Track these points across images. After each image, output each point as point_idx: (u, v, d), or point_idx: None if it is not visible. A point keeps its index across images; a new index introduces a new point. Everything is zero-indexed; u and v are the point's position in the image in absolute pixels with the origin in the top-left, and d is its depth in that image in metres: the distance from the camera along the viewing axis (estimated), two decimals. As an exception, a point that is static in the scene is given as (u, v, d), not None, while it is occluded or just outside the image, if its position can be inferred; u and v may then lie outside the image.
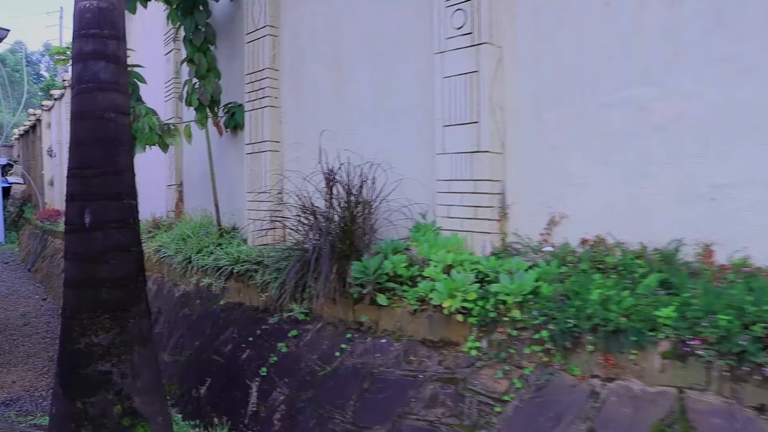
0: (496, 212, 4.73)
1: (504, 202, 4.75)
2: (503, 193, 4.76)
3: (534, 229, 4.61)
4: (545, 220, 4.55)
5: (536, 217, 4.60)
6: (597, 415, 3.38)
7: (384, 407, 4.20)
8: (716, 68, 3.76)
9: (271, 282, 5.70)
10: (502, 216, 4.75)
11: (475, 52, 4.71)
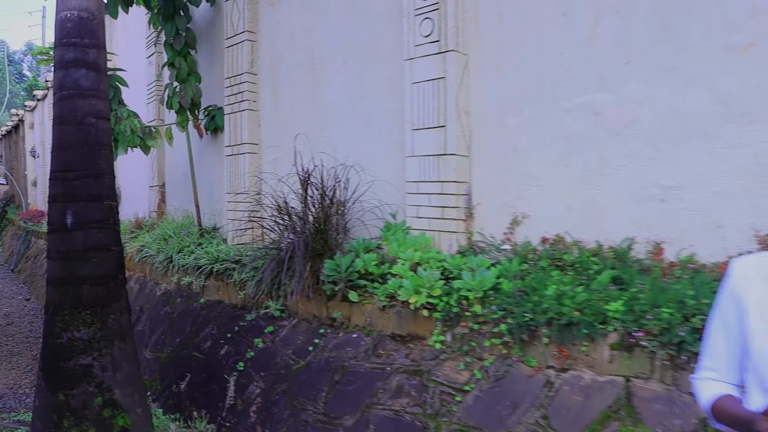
0: (462, 212, 4.95)
1: (470, 203, 4.97)
2: (469, 194, 4.98)
3: (498, 229, 4.83)
4: (508, 219, 4.77)
5: (500, 217, 4.82)
6: (550, 403, 3.61)
7: (354, 398, 4.41)
8: (664, 76, 3.99)
9: (249, 280, 5.90)
10: (468, 216, 4.97)
11: (442, 59, 4.93)
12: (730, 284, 1.77)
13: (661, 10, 3.99)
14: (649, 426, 3.22)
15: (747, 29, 3.65)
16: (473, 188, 4.99)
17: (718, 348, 1.81)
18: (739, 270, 1.75)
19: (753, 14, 3.63)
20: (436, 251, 4.80)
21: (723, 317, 1.79)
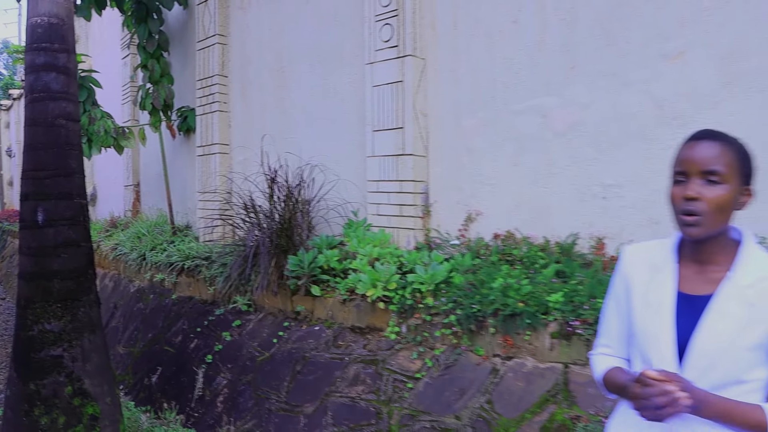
0: (419, 210, 5.18)
1: (427, 201, 5.21)
2: (426, 193, 5.22)
3: (453, 225, 5.07)
4: (463, 217, 5.01)
5: (456, 215, 5.06)
6: (495, 389, 3.84)
7: (314, 387, 4.62)
8: (606, 81, 4.25)
9: (218, 276, 6.10)
10: (425, 213, 5.20)
11: (401, 63, 5.16)
12: (621, 269, 2.00)
13: (603, 19, 4.25)
14: (583, 408, 3.46)
15: (678, 38, 3.92)
16: (430, 187, 5.23)
17: (611, 326, 2.04)
18: (628, 256, 1.98)
19: (683, 25, 3.90)
20: (395, 247, 5.03)
21: (615, 299, 2.02)
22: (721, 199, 1.64)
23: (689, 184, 1.67)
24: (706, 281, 1.75)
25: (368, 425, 4.10)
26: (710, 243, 1.73)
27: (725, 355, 1.65)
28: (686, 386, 1.61)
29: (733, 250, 1.74)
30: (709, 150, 1.67)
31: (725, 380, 1.66)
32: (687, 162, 1.69)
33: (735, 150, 1.69)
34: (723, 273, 1.72)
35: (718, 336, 1.65)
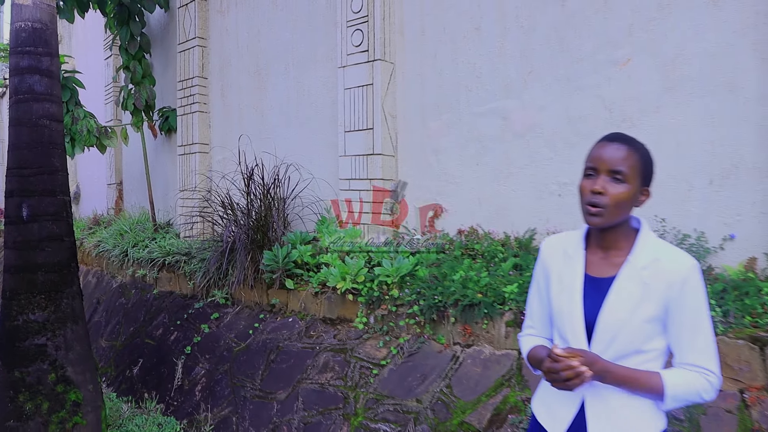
0: (389, 207, 5.44)
1: (397, 198, 5.46)
2: (395, 190, 5.47)
3: (421, 222, 5.33)
4: (430, 213, 5.27)
5: (423, 211, 5.32)
6: (454, 375, 4.10)
7: (286, 375, 4.87)
8: (561, 85, 4.53)
9: (197, 271, 6.33)
10: (393, 210, 5.45)
11: (371, 67, 5.42)
12: (540, 259, 2.26)
13: (558, 27, 4.52)
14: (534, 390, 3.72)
15: (626, 46, 4.20)
16: (399, 185, 5.48)
17: (534, 310, 2.30)
18: (547, 246, 2.24)
19: (631, 33, 4.17)
20: (365, 243, 5.28)
21: (536, 285, 2.28)
22: (623, 195, 1.90)
23: (597, 179, 1.93)
24: (609, 265, 2.01)
25: (336, 409, 4.35)
26: (612, 231, 1.99)
27: (625, 329, 1.91)
28: (589, 359, 1.87)
29: (632, 237, 2.01)
30: (618, 152, 1.92)
31: (627, 350, 1.93)
32: (597, 160, 1.94)
33: (640, 155, 1.95)
34: (623, 257, 1.98)
35: (619, 312, 1.92)
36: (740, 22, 3.73)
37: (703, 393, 1.88)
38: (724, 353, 3.25)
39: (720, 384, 1.92)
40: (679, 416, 3.24)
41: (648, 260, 1.93)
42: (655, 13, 4.07)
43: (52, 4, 4.63)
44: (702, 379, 1.88)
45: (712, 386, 1.89)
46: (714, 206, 3.86)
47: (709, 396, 1.90)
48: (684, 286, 1.87)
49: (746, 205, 3.74)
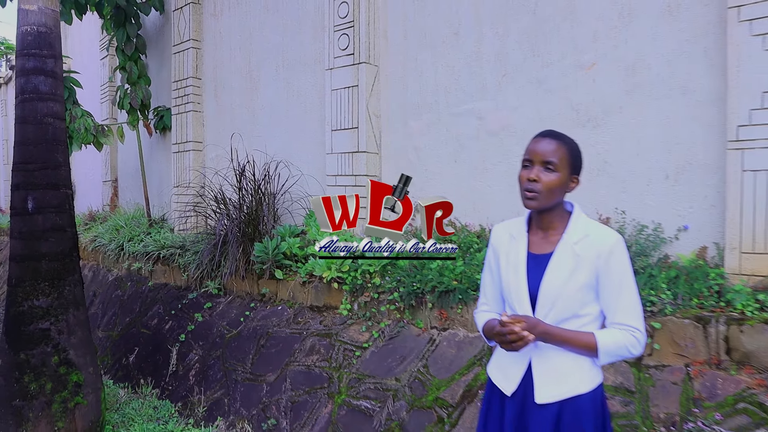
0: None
1: (379, 194, 5.78)
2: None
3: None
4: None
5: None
6: (431, 356, 4.42)
7: (275, 358, 5.18)
8: (532, 88, 4.85)
9: (191, 263, 6.64)
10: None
11: (356, 69, 5.74)
12: (491, 242, 2.59)
13: (530, 33, 4.85)
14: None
15: (591, 52, 4.52)
16: (382, 181, 5.80)
17: (487, 288, 2.62)
18: (496, 231, 2.58)
19: (595, 39, 4.50)
20: (350, 234, 5.59)
21: (488, 266, 2.60)
22: (554, 183, 2.23)
23: (533, 169, 2.25)
24: (547, 243, 2.34)
25: (321, 388, 4.67)
26: (548, 214, 2.32)
27: (562, 296, 2.24)
28: (531, 323, 2.20)
29: (566, 218, 2.33)
30: (549, 146, 2.25)
31: (565, 315, 2.26)
32: (532, 153, 2.27)
33: (568, 148, 2.28)
34: (559, 236, 2.31)
35: (556, 281, 2.24)
36: (693, 30, 4.06)
37: (630, 348, 2.21)
38: (672, 332, 3.59)
39: (645, 340, 2.25)
40: (631, 388, 3.57)
41: (579, 236, 2.26)
42: (617, 22, 4.40)
43: (56, 9, 4.93)
44: (629, 335, 2.21)
45: (638, 342, 2.21)
46: (670, 200, 4.19)
47: (636, 351, 2.22)
48: (610, 256, 2.20)
49: (698, 198, 4.07)
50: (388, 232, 3.40)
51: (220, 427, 5.05)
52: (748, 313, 3.44)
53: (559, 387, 2.28)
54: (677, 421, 3.30)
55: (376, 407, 4.28)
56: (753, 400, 3.23)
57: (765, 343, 3.31)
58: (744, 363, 3.40)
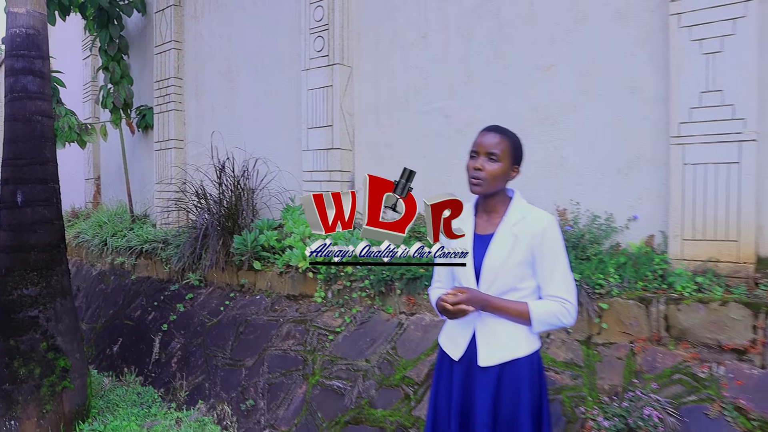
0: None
1: (353, 188, 6.07)
2: (352, 181, 6.08)
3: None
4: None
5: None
6: (399, 339, 4.72)
7: (254, 344, 5.46)
8: (495, 88, 5.16)
9: (173, 256, 6.89)
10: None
11: (331, 70, 6.03)
12: (446, 224, 2.89)
13: (492, 36, 5.16)
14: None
15: (549, 54, 4.84)
16: (356, 176, 6.10)
17: (440, 268, 2.93)
18: (449, 215, 2.89)
19: (553, 42, 4.82)
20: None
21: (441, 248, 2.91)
22: (496, 171, 2.54)
23: (478, 159, 2.57)
24: (491, 225, 2.65)
25: (296, 370, 4.95)
26: (492, 199, 2.63)
27: (502, 271, 2.54)
28: (471, 294, 2.51)
29: (507, 203, 2.65)
30: (493, 139, 2.57)
31: (505, 288, 2.56)
32: (478, 145, 2.59)
33: (510, 141, 2.60)
34: (500, 218, 2.62)
35: (496, 259, 2.55)
36: (640, 35, 4.39)
37: (561, 317, 2.52)
38: (618, 312, 3.91)
39: (576, 311, 2.56)
40: (580, 363, 3.89)
41: (517, 218, 2.57)
42: (572, 26, 4.72)
43: (43, 12, 5.18)
44: (559, 306, 2.52)
45: (568, 312, 2.52)
46: (621, 192, 4.52)
47: (567, 320, 2.54)
48: (544, 235, 2.52)
49: (646, 190, 4.39)
50: (389, 234, 2.96)
51: (201, 409, 5.31)
52: (686, 294, 3.77)
53: (499, 352, 2.59)
54: (619, 391, 3.62)
55: (348, 386, 4.57)
56: (687, 371, 3.56)
57: (699, 320, 3.64)
58: (681, 339, 3.72)
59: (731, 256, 3.89)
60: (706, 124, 3.94)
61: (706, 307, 3.64)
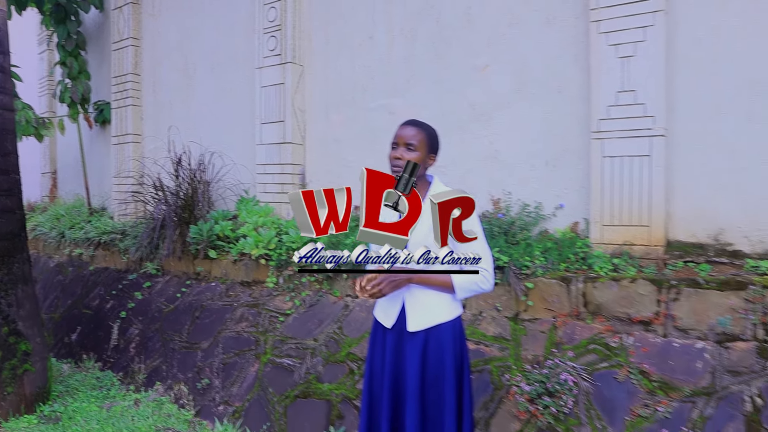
0: (297, 188, 6.37)
1: (304, 180, 6.40)
2: (303, 174, 6.41)
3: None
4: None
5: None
6: (345, 319, 5.06)
7: (209, 328, 5.75)
8: (436, 87, 5.53)
9: (131, 247, 7.13)
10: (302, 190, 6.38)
11: (283, 68, 6.34)
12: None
13: (433, 39, 5.53)
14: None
15: (485, 55, 5.23)
16: (306, 169, 6.43)
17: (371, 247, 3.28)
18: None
19: (488, 44, 5.20)
20: (277, 218, 6.20)
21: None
22: (414, 160, 2.88)
23: (398, 149, 2.92)
24: (415, 207, 3.00)
25: (249, 350, 5.27)
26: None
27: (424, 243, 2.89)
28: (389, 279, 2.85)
29: (427, 187, 3.00)
30: (410, 131, 2.93)
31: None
32: (398, 137, 2.95)
33: (426, 133, 2.96)
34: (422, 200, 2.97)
35: (420, 233, 2.90)
36: (566, 39, 4.80)
37: (480, 284, 2.89)
38: (542, 290, 4.31)
39: (493, 277, 2.93)
40: (507, 337, 4.28)
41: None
42: (505, 29, 5.11)
43: (4, 9, 5.40)
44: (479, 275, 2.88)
45: (486, 279, 2.89)
46: (549, 182, 4.92)
47: (485, 286, 2.90)
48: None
49: (571, 181, 4.81)
50: (390, 237, 2.63)
51: (158, 390, 5.58)
52: (603, 274, 4.18)
53: (425, 318, 2.95)
54: (541, 360, 4.02)
55: (297, 363, 4.90)
56: (601, 341, 3.98)
57: (612, 296, 4.06)
58: (597, 313, 4.14)
59: (644, 240, 4.33)
60: (621, 121, 4.37)
61: (618, 285, 4.06)
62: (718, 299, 3.75)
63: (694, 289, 3.84)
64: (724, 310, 3.72)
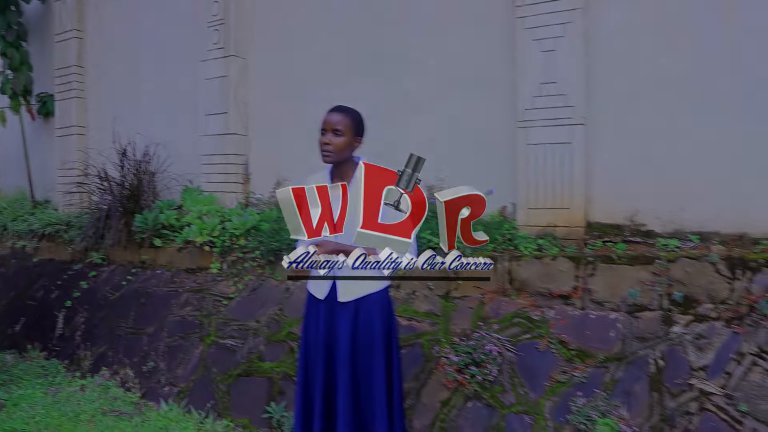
0: (241, 177, 6.56)
1: (247, 170, 6.59)
2: (247, 164, 6.60)
3: (267, 189, 6.46)
4: (274, 181, 6.40)
5: (269, 181, 6.45)
6: (287, 301, 5.27)
7: (155, 313, 5.90)
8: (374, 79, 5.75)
9: (76, 238, 7.20)
10: (245, 180, 6.58)
11: (226, 62, 6.51)
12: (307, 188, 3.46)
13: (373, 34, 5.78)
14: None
15: (420, 49, 5.49)
16: (250, 159, 6.62)
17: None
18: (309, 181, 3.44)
19: (423, 39, 5.46)
20: (221, 206, 6.36)
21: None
22: (341, 143, 3.14)
23: (326, 135, 3.16)
24: (345, 187, 3.22)
25: (194, 333, 5.44)
26: (343, 166, 3.23)
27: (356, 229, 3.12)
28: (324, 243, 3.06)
29: (354, 168, 3.23)
30: (336, 117, 3.18)
31: (357, 236, 3.14)
32: (326, 122, 3.20)
33: (351, 118, 3.21)
34: (350, 180, 3.21)
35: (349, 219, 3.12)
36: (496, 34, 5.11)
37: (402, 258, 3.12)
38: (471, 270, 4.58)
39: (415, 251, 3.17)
40: (438, 313, 4.55)
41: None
42: (440, 26, 5.39)
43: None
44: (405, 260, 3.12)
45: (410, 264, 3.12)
46: (481, 169, 5.21)
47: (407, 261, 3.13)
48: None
49: (501, 167, 5.08)
50: (391, 239, 2.40)
51: (104, 375, 5.71)
52: (527, 253, 4.48)
53: (355, 288, 3.20)
54: (468, 333, 4.30)
55: (239, 344, 5.10)
56: (524, 315, 4.28)
57: (534, 273, 4.37)
58: (521, 290, 4.45)
59: (566, 222, 4.64)
60: (544, 110, 4.68)
61: (541, 262, 4.37)
62: (629, 273, 4.09)
63: (609, 264, 4.17)
64: (634, 283, 4.06)
